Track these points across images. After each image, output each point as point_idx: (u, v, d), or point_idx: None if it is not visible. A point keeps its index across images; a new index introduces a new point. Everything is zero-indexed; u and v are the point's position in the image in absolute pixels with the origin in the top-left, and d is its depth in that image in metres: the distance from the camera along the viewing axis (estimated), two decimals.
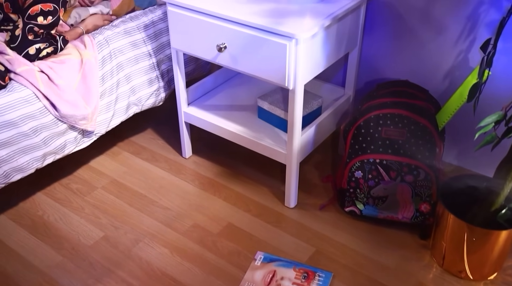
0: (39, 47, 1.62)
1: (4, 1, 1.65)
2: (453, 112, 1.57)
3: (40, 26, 1.63)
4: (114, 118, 1.82)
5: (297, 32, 1.39)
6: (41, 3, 1.64)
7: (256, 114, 1.86)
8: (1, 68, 1.54)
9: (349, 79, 1.86)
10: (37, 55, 1.62)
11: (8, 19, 1.68)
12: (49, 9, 1.65)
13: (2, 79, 1.53)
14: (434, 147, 1.55)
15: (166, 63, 1.97)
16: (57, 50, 1.67)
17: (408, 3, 1.68)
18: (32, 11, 1.62)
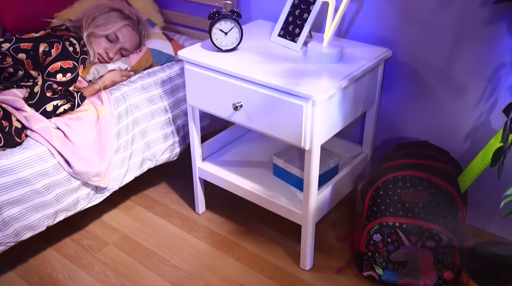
0: (56, 104, 1.64)
1: (26, 58, 1.68)
2: (475, 175, 1.51)
3: (59, 83, 1.65)
4: (128, 174, 1.81)
5: (314, 94, 1.38)
6: (61, 61, 1.66)
7: (271, 172, 1.83)
8: (18, 125, 1.55)
9: (367, 137, 1.83)
10: (54, 112, 1.63)
11: (28, 76, 1.70)
12: (69, 66, 1.68)
13: (19, 136, 1.53)
14: (457, 211, 1.49)
15: (181, 118, 1.97)
16: (74, 107, 1.68)
17: (427, 63, 1.67)
18: (52, 68, 1.65)
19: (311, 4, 1.65)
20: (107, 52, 1.88)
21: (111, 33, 1.86)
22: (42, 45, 1.69)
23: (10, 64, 1.67)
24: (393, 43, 1.71)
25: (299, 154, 1.79)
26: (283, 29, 1.72)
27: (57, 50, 1.68)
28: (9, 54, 1.67)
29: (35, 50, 1.69)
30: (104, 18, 1.86)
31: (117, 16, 1.89)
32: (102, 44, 1.86)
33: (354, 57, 1.61)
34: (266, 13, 2.01)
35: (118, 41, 1.89)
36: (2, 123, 1.50)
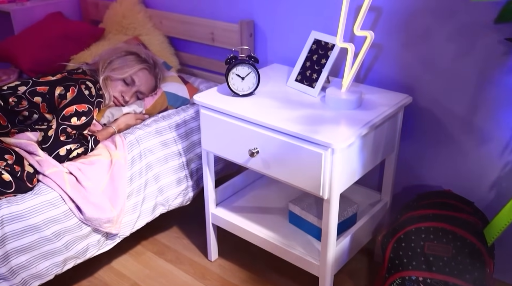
0: (70, 148, 1.61)
1: (41, 101, 1.67)
2: (503, 228, 1.44)
3: (73, 127, 1.63)
4: (140, 219, 1.76)
5: (334, 142, 1.34)
6: (76, 104, 1.65)
7: (287, 219, 1.77)
8: (30, 170, 1.52)
9: (386, 185, 1.77)
10: (67, 156, 1.61)
11: (43, 119, 1.69)
12: (84, 109, 1.66)
13: (30, 181, 1.50)
14: (484, 266, 1.41)
15: (195, 162, 1.93)
16: (87, 150, 1.66)
17: (448, 110, 1.63)
18: (67, 111, 1.63)
19: (329, 50, 1.63)
20: (123, 95, 1.87)
21: (127, 77, 1.86)
22: (58, 88, 1.68)
23: (25, 108, 1.66)
24: (413, 89, 1.68)
25: (316, 201, 1.74)
26: (300, 74, 1.70)
27: (72, 94, 1.67)
28: (25, 98, 1.66)
29: (51, 94, 1.68)
30: (120, 62, 1.86)
31: (134, 60, 1.89)
32: (118, 87, 1.86)
33: (373, 103, 1.58)
34: (282, 58, 2.01)
35: (134, 85, 1.89)
36: (14, 168, 1.48)
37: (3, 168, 1.46)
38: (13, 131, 1.66)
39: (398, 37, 1.66)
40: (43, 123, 1.69)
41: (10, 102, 1.65)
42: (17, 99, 1.66)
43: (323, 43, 1.66)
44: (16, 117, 1.66)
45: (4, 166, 1.46)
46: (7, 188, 1.44)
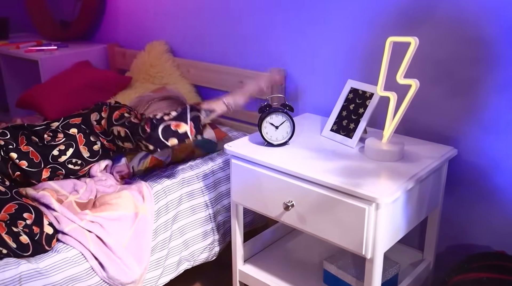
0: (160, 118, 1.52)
1: (78, 132, 1.65)
2: None
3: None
4: (163, 276, 1.64)
5: (379, 196, 1.23)
6: (116, 111, 1.64)
7: (322, 278, 1.64)
8: (49, 231, 1.40)
9: (429, 243, 1.64)
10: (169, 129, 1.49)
11: (77, 154, 1.66)
12: (126, 111, 1.67)
13: (49, 244, 1.39)
14: None
15: (222, 214, 1.84)
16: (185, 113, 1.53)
17: (496, 163, 1.52)
18: (115, 115, 1.62)
19: (367, 99, 1.56)
20: None
21: None
22: (93, 115, 1.66)
23: (62, 141, 1.61)
24: (458, 141, 1.58)
25: (354, 259, 1.61)
26: (336, 124, 1.63)
27: (106, 111, 1.66)
28: (60, 131, 1.63)
29: (87, 122, 1.66)
30: (162, 104, 1.81)
31: (176, 103, 1.84)
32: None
33: (417, 155, 1.48)
34: (314, 107, 1.94)
35: None
36: (33, 230, 1.36)
37: (22, 228, 1.35)
38: (45, 173, 1.59)
39: (443, 86, 1.59)
40: (77, 162, 1.63)
41: (45, 137, 1.60)
42: (52, 133, 1.62)
43: (360, 92, 1.59)
44: (50, 153, 1.60)
45: (23, 227, 1.35)
46: (24, 251, 1.34)
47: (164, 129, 1.47)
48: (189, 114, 1.51)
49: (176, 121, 1.49)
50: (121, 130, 1.58)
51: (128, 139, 1.57)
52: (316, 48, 1.87)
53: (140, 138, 1.51)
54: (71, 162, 1.63)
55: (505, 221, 1.55)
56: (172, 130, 1.48)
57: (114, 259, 1.44)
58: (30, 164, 1.56)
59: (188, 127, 1.50)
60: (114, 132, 1.61)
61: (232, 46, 2.17)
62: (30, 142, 1.59)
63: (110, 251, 1.44)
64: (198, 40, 2.31)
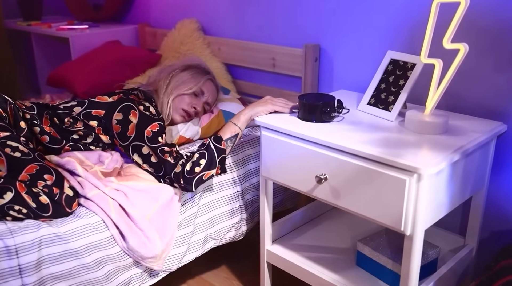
0: (190, 162, 1.50)
1: (97, 125, 1.58)
2: None
3: (166, 146, 1.55)
4: (188, 253, 1.58)
5: (422, 166, 1.13)
6: (148, 126, 1.54)
7: (354, 261, 1.54)
8: (69, 193, 1.36)
9: (472, 227, 1.53)
10: (197, 174, 1.47)
11: (98, 140, 1.60)
12: (158, 128, 1.55)
13: (69, 206, 1.35)
14: None
15: (250, 193, 1.76)
16: (213, 160, 1.52)
17: None
18: (148, 133, 1.53)
19: (409, 70, 1.46)
20: (194, 107, 1.77)
21: (197, 89, 1.77)
22: (117, 115, 1.55)
23: (81, 129, 1.56)
24: (507, 117, 1.46)
25: (389, 241, 1.51)
26: (374, 97, 1.53)
27: (135, 117, 1.54)
28: (80, 119, 1.56)
29: (108, 120, 1.56)
30: (183, 77, 1.76)
31: (198, 72, 1.80)
32: (187, 100, 1.75)
33: (462, 129, 1.37)
34: (350, 83, 1.84)
35: (203, 95, 1.80)
36: (52, 190, 1.32)
37: (41, 188, 1.32)
38: (66, 149, 1.55)
39: (490, 57, 1.47)
40: (99, 144, 1.58)
41: (66, 122, 1.55)
42: (72, 120, 1.56)
43: (401, 63, 1.49)
44: (70, 136, 1.56)
45: (43, 187, 1.32)
46: (44, 211, 1.30)
47: (197, 182, 1.48)
48: (217, 159, 1.50)
49: (207, 171, 1.48)
50: (153, 156, 1.50)
51: (156, 168, 1.49)
52: (351, 20, 1.77)
53: (172, 182, 1.48)
54: (92, 144, 1.58)
55: None
56: (203, 179, 1.49)
57: (135, 230, 1.38)
58: (51, 140, 1.52)
59: (215, 170, 1.50)
60: (142, 151, 1.51)
61: (264, 23, 2.09)
62: (52, 123, 1.55)
63: (132, 222, 1.39)
64: (229, 17, 2.24)
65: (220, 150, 1.51)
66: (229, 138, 1.54)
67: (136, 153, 1.52)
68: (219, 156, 1.50)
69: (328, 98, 1.47)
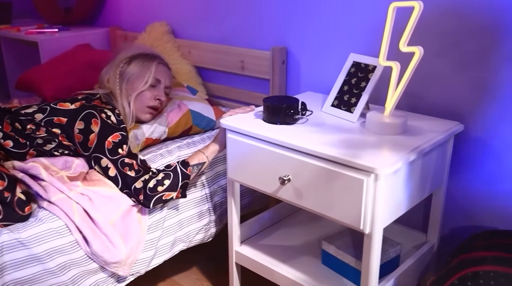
0: (153, 180, 1.50)
1: (60, 133, 1.56)
2: None
3: (126, 157, 1.53)
4: (156, 257, 1.59)
5: (378, 166, 1.17)
6: (109, 136, 1.52)
7: (320, 260, 1.57)
8: (22, 196, 1.35)
9: (433, 224, 1.57)
10: (158, 194, 1.48)
11: (62, 146, 1.57)
12: (119, 138, 1.53)
13: (21, 209, 1.34)
14: None
15: (219, 195, 1.78)
16: (178, 177, 1.54)
17: (505, 140, 1.45)
18: (108, 145, 1.52)
19: (370, 72, 1.49)
20: (158, 98, 1.75)
21: (152, 80, 1.74)
22: (78, 123, 1.53)
23: (43, 136, 1.55)
24: (464, 117, 1.51)
25: (354, 240, 1.54)
26: (337, 99, 1.56)
27: (97, 125, 1.53)
28: (42, 126, 1.55)
29: (70, 128, 1.55)
30: (133, 70, 1.73)
31: (144, 61, 1.75)
32: (148, 94, 1.73)
33: (420, 129, 1.41)
34: (316, 85, 1.88)
35: (160, 83, 1.77)
36: (3, 194, 1.31)
37: None
38: (31, 153, 1.54)
39: (447, 59, 1.52)
40: (64, 152, 1.57)
41: (28, 128, 1.54)
42: (35, 126, 1.55)
43: (362, 65, 1.53)
44: (34, 141, 1.55)
45: None
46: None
47: (156, 200, 1.48)
48: (180, 183, 1.52)
49: (168, 192, 1.50)
50: (111, 169, 1.49)
51: (116, 182, 1.49)
52: (316, 23, 1.81)
53: (130, 195, 1.48)
54: (57, 150, 1.58)
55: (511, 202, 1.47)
56: (162, 199, 1.50)
57: (99, 235, 1.39)
58: (15, 145, 1.51)
59: (176, 194, 1.52)
60: (101, 163, 1.51)
61: (233, 26, 2.11)
62: (14, 128, 1.53)
63: (95, 227, 1.39)
64: (200, 21, 2.26)
65: (185, 174, 1.53)
66: (195, 164, 1.56)
67: (97, 164, 1.52)
68: (183, 180, 1.52)
69: (292, 100, 1.49)
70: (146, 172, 1.50)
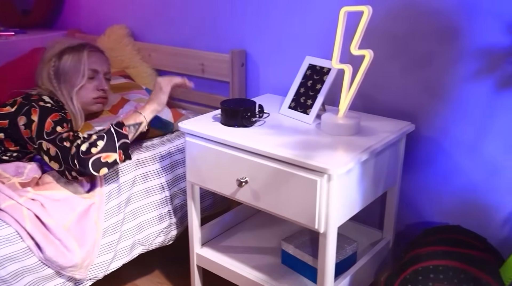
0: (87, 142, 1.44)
1: (4, 137, 1.53)
2: None
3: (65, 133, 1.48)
4: (115, 260, 1.58)
5: (331, 167, 1.20)
6: (48, 118, 1.48)
7: (280, 259, 1.59)
8: None
9: (388, 221, 1.62)
10: (93, 154, 1.42)
11: (8, 151, 1.54)
12: (58, 118, 1.50)
13: None
14: None
15: (180, 198, 1.78)
16: (113, 137, 1.47)
17: (454, 139, 1.50)
18: (47, 127, 1.47)
19: (325, 75, 1.53)
20: (101, 89, 1.71)
21: (88, 72, 1.68)
22: (20, 119, 1.50)
23: None
24: (415, 117, 1.56)
25: (312, 239, 1.57)
26: (294, 101, 1.59)
27: (36, 113, 1.49)
28: None
29: (14, 126, 1.51)
30: (65, 66, 1.66)
31: (74, 54, 1.68)
32: (89, 87, 1.69)
33: (373, 130, 1.45)
34: (275, 87, 1.90)
35: (98, 72, 1.71)
36: None
37: None
38: None
39: (399, 61, 1.57)
40: (12, 155, 1.54)
41: None
42: None
43: (318, 68, 1.56)
44: None
45: None
46: None
47: (94, 163, 1.42)
48: (117, 143, 1.45)
49: (105, 153, 1.43)
50: (51, 149, 1.44)
51: (57, 160, 1.44)
52: (274, 26, 1.83)
53: (69, 169, 1.43)
54: (5, 154, 1.55)
55: (463, 198, 1.53)
56: (102, 162, 1.43)
57: (52, 240, 1.37)
58: None
59: (117, 155, 1.45)
60: (43, 147, 1.46)
61: (193, 29, 2.12)
62: None
63: (48, 232, 1.37)
64: (160, 24, 2.25)
65: (121, 134, 1.46)
66: (132, 124, 1.51)
67: (41, 151, 1.47)
68: (119, 140, 1.45)
69: (249, 103, 1.51)
70: (79, 138, 1.45)
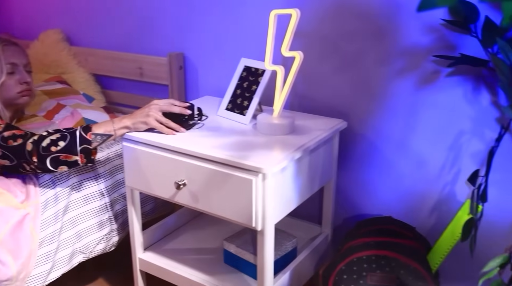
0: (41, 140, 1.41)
1: None
2: (446, 253, 1.37)
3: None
4: (53, 270, 1.55)
5: (265, 166, 1.23)
6: None
7: (223, 259, 1.62)
8: None
9: (326, 216, 1.68)
10: (51, 153, 1.40)
11: None
12: None
13: None
14: None
15: (120, 203, 1.76)
16: (75, 139, 1.43)
17: (383, 134, 1.58)
18: None
19: (260, 76, 1.56)
20: (25, 82, 1.66)
21: (7, 67, 1.62)
22: None
23: None
24: (348, 115, 1.63)
25: (253, 237, 1.61)
26: (231, 103, 1.62)
27: None
28: None
29: None
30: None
31: (15, 49, 1.66)
32: (11, 82, 1.63)
33: (307, 128, 1.50)
34: (214, 89, 1.92)
35: (17, 66, 1.66)
36: None
37: None
38: None
39: (330, 61, 1.63)
40: None
41: None
42: None
43: (253, 70, 1.59)
44: None
45: None
46: None
47: (53, 160, 1.40)
48: (79, 147, 1.42)
49: (65, 153, 1.41)
50: None
51: (6, 158, 1.40)
52: (212, 29, 1.85)
53: (27, 162, 1.40)
54: None
55: (393, 190, 1.61)
56: (61, 160, 1.41)
57: None
58: None
59: (79, 158, 1.43)
60: None
61: (130, 32, 2.10)
62: None
63: None
64: (96, 27, 2.22)
65: (85, 139, 1.43)
66: (100, 134, 1.45)
67: None
68: (81, 145, 1.42)
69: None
70: (32, 134, 1.41)
